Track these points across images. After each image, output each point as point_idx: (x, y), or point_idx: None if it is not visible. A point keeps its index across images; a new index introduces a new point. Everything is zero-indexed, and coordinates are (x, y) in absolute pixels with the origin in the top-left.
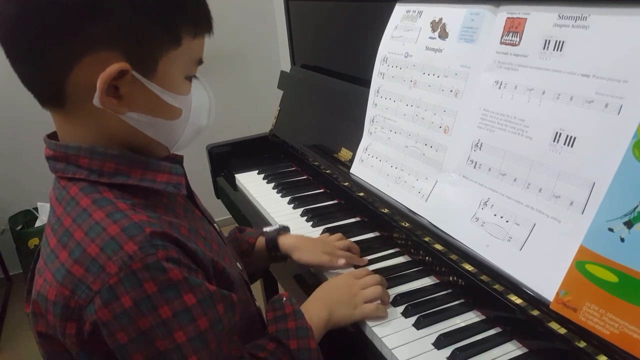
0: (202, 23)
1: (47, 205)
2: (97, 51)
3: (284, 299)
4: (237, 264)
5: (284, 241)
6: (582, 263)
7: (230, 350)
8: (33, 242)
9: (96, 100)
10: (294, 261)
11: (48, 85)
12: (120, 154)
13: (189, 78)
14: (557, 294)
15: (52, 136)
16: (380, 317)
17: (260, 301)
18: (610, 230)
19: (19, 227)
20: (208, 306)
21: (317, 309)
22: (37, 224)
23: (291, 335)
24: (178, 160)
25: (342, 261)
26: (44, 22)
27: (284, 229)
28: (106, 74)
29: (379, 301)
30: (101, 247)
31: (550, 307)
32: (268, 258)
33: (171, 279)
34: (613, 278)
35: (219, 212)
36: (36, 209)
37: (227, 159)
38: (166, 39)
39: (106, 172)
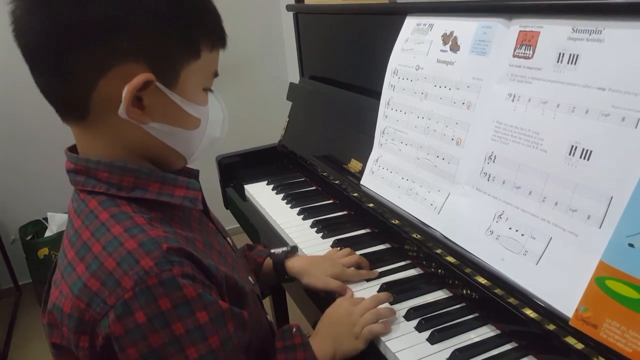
0: (218, 36)
1: (57, 215)
2: (122, 63)
3: (294, 329)
4: (250, 278)
5: (292, 265)
6: (601, 279)
7: None
8: (43, 252)
9: (121, 111)
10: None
11: (73, 98)
12: (138, 168)
13: (206, 90)
14: (577, 310)
15: (72, 149)
16: (383, 331)
17: (269, 314)
18: (631, 245)
19: (29, 237)
20: (220, 324)
21: (322, 346)
22: (47, 234)
23: None
24: (194, 174)
25: (349, 293)
26: (72, 36)
27: (292, 251)
28: (133, 85)
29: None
30: (118, 262)
31: (570, 323)
32: (276, 279)
33: (185, 295)
34: (634, 294)
35: (227, 222)
36: (46, 219)
37: (236, 169)
38: (187, 50)
39: (125, 186)
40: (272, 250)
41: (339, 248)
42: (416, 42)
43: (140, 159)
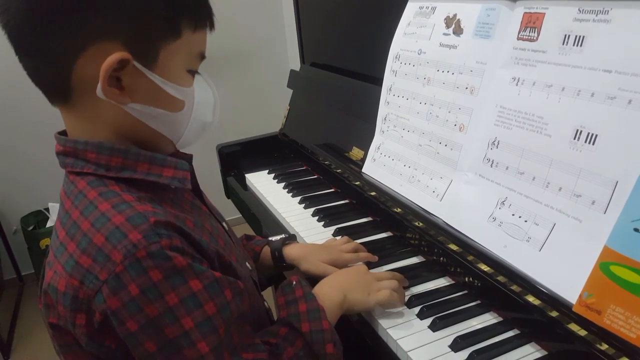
0: (202, 16)
1: (58, 206)
2: (99, 42)
3: (294, 282)
4: (247, 264)
5: (289, 252)
6: (606, 264)
7: (242, 339)
8: (44, 242)
9: (99, 91)
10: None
11: (54, 77)
12: (127, 148)
13: (192, 72)
14: (580, 295)
15: (63, 134)
16: (395, 306)
17: (270, 303)
18: (636, 230)
19: (31, 228)
20: (214, 291)
21: (330, 291)
22: (49, 224)
23: (302, 318)
24: (187, 158)
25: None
26: (49, 14)
27: (290, 238)
28: (107, 64)
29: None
30: (106, 237)
31: (573, 309)
32: (274, 268)
33: (176, 265)
34: (639, 280)
35: (229, 211)
36: (47, 209)
37: (237, 158)
38: (166, 29)
39: (113, 166)
40: (270, 238)
41: (338, 237)
42: (418, 25)
43: (129, 143)
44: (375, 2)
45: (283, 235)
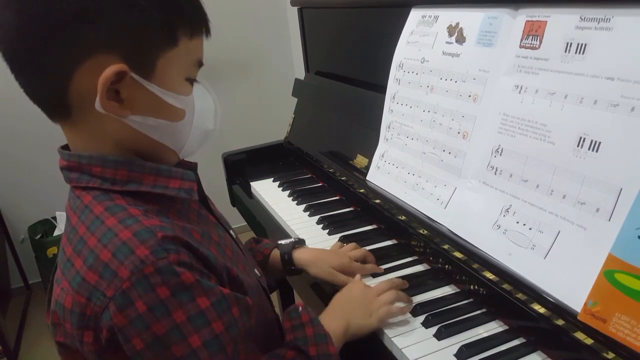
0: (198, 24)
1: (65, 215)
2: (94, 55)
3: (300, 308)
4: (255, 270)
5: (298, 256)
6: (611, 272)
7: (247, 356)
8: (52, 250)
9: (97, 105)
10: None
11: (51, 95)
12: (131, 161)
13: (190, 81)
14: (585, 304)
15: (66, 147)
16: (400, 315)
17: (276, 309)
18: None
19: (38, 236)
20: (222, 309)
21: (333, 320)
22: (56, 232)
23: (310, 341)
24: (192, 167)
25: (359, 277)
26: (42, 30)
27: (299, 242)
28: (104, 77)
29: (395, 304)
30: (113, 253)
31: (578, 317)
32: (283, 271)
33: (183, 282)
34: None
35: (234, 219)
36: (55, 218)
37: (243, 166)
38: (163, 38)
39: (119, 179)
40: (279, 242)
41: (344, 244)
42: (421, 34)
43: (132, 155)
44: (379, 10)
45: (293, 239)
